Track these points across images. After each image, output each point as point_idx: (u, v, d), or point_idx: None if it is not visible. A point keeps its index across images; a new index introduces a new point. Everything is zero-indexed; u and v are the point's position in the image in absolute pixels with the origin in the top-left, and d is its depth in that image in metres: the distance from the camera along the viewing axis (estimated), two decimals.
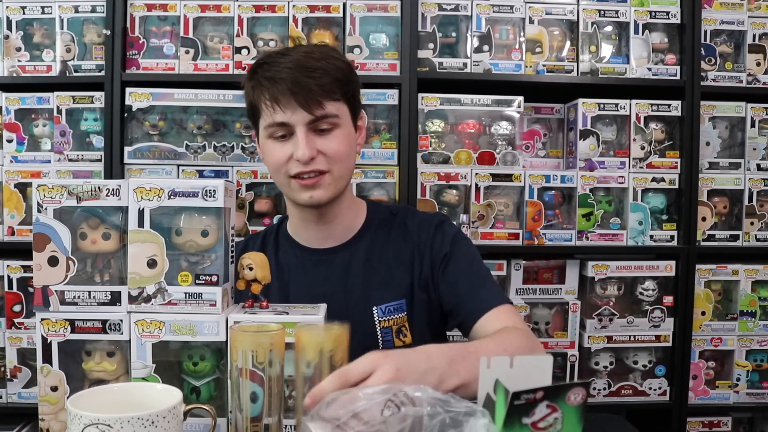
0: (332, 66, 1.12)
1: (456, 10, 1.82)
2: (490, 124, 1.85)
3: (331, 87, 1.10)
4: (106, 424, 0.68)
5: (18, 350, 1.70)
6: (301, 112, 1.08)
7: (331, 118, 1.11)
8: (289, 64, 1.09)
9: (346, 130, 1.15)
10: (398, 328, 1.17)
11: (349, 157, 1.16)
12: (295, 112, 1.08)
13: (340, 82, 1.12)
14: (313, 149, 1.09)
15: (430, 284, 1.19)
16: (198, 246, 0.88)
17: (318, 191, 1.12)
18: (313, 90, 1.07)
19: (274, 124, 1.11)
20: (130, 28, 1.78)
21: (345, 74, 1.14)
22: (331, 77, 1.10)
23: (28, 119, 1.81)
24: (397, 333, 1.17)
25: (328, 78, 1.10)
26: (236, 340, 0.76)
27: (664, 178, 1.83)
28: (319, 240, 1.22)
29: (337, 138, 1.12)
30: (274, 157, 1.13)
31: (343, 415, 0.59)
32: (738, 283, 1.85)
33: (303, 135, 1.09)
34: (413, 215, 1.27)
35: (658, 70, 1.85)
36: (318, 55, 1.13)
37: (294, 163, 1.10)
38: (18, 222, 1.76)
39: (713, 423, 1.88)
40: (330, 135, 1.12)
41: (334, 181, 1.13)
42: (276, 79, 1.09)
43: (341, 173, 1.14)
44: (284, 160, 1.11)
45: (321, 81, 1.08)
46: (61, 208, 0.86)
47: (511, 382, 0.54)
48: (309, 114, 1.08)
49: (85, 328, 0.86)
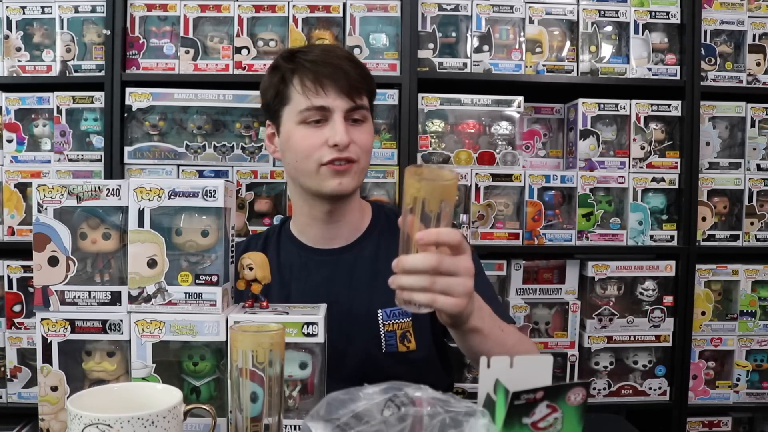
0: (360, 61, 1.18)
1: (456, 10, 1.82)
2: (490, 124, 1.85)
3: (366, 81, 1.15)
4: (106, 424, 0.68)
5: (18, 350, 1.70)
6: (343, 98, 1.10)
7: (364, 110, 1.15)
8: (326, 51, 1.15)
9: (371, 125, 1.19)
10: (403, 333, 1.16)
11: (371, 152, 1.20)
12: (336, 97, 1.10)
13: (369, 78, 1.17)
14: (350, 137, 1.11)
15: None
16: (198, 246, 0.88)
17: (346, 179, 1.13)
18: (353, 77, 1.11)
19: (312, 107, 1.10)
20: (130, 28, 1.78)
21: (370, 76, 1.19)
22: (363, 70, 1.15)
23: (28, 119, 1.81)
24: (401, 338, 1.16)
25: (360, 70, 1.15)
26: (236, 340, 0.76)
27: (664, 178, 1.83)
28: (324, 240, 1.22)
29: (368, 130, 1.17)
30: (307, 142, 1.12)
31: (343, 415, 0.59)
32: (738, 283, 1.85)
33: (341, 120, 1.10)
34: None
35: (658, 70, 1.85)
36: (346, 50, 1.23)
37: (327, 150, 1.10)
38: (18, 222, 1.76)
39: (713, 423, 1.88)
40: (362, 126, 1.15)
41: (360, 171, 1.15)
42: (319, 62, 1.10)
43: (365, 166, 1.17)
44: (317, 145, 1.11)
45: (360, 72, 1.13)
46: (61, 208, 0.86)
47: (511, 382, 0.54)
48: (350, 101, 1.10)
49: (85, 328, 0.86)
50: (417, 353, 1.16)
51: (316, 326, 0.84)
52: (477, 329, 0.93)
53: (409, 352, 1.16)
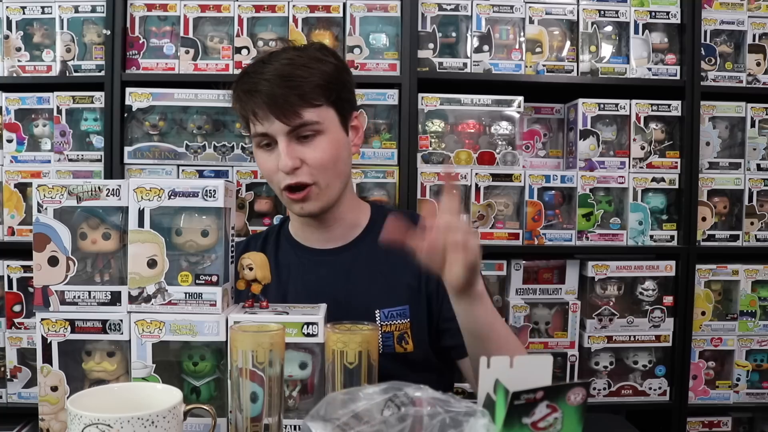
0: (315, 71, 1.10)
1: (456, 10, 1.82)
2: (490, 124, 1.85)
3: (311, 95, 1.08)
4: (106, 424, 0.68)
5: (18, 350, 1.70)
6: (278, 122, 1.08)
7: (311, 125, 1.09)
8: (267, 75, 1.08)
9: (331, 136, 1.12)
10: (400, 334, 1.15)
11: (336, 163, 1.13)
12: (273, 123, 1.08)
13: (321, 87, 1.09)
14: (295, 158, 1.09)
15: (433, 298, 1.17)
16: (198, 246, 0.88)
17: (308, 204, 1.12)
18: (289, 100, 1.06)
19: (256, 134, 1.12)
20: (130, 28, 1.78)
21: (329, 77, 1.11)
22: (312, 84, 1.08)
23: (28, 119, 1.81)
24: (398, 339, 1.15)
25: (308, 85, 1.08)
26: (236, 340, 0.76)
27: (664, 178, 1.83)
28: (321, 241, 1.22)
29: (320, 145, 1.11)
30: (265, 167, 1.14)
31: (343, 415, 0.59)
32: (738, 283, 1.85)
33: (284, 145, 1.09)
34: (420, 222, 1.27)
35: (658, 70, 1.85)
36: (301, 61, 1.11)
37: (281, 175, 1.11)
38: (18, 222, 1.76)
39: (713, 423, 1.88)
40: (312, 142, 1.10)
41: (321, 192, 1.12)
42: (252, 92, 1.09)
43: (328, 182, 1.12)
44: (273, 170, 1.12)
45: (300, 90, 1.07)
46: (61, 208, 0.86)
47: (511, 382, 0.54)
48: (286, 125, 1.08)
49: (85, 328, 0.86)
50: (414, 354, 1.16)
51: (316, 326, 0.84)
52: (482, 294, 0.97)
53: (406, 354, 1.16)
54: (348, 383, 0.77)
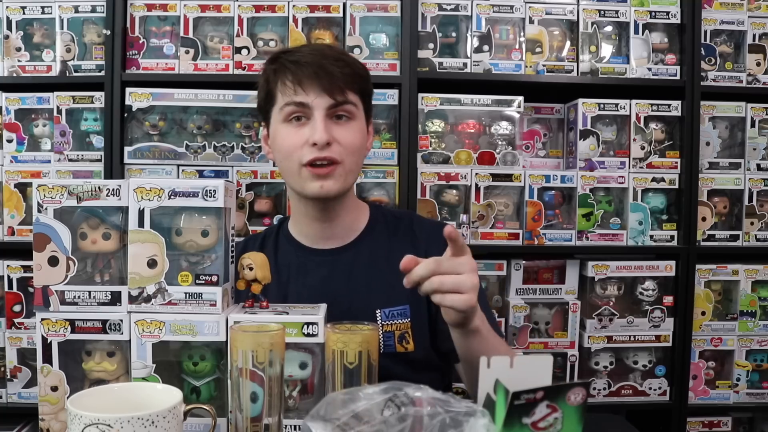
0: (353, 60, 1.17)
1: (456, 10, 1.82)
2: (490, 124, 1.85)
3: (353, 78, 1.13)
4: (106, 424, 0.68)
5: (18, 350, 1.70)
6: (323, 96, 1.09)
7: (349, 106, 1.13)
8: (313, 51, 1.13)
9: (360, 124, 1.16)
10: (401, 333, 1.16)
11: (360, 151, 1.17)
12: (317, 95, 1.09)
13: (359, 77, 1.15)
14: (330, 135, 1.10)
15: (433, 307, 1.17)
16: (198, 246, 0.88)
17: (329, 182, 1.12)
18: (336, 76, 1.10)
19: (292, 102, 1.11)
20: (130, 28, 1.78)
21: (364, 72, 1.18)
22: (352, 69, 1.14)
23: (28, 119, 1.81)
24: (399, 339, 1.15)
25: (350, 69, 1.13)
26: (236, 340, 0.76)
27: (664, 178, 1.83)
28: (321, 240, 1.22)
29: (353, 129, 1.14)
30: (288, 141, 1.12)
31: (343, 415, 0.59)
32: (738, 283, 1.85)
33: (321, 118, 1.10)
34: (420, 222, 1.27)
35: (658, 70, 1.85)
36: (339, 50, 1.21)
37: (308, 149, 1.10)
38: (18, 222, 1.76)
39: (713, 423, 1.88)
40: (347, 124, 1.13)
41: (344, 173, 1.13)
42: (301, 62, 1.11)
43: (351, 167, 1.14)
44: (299, 144, 1.11)
45: (344, 70, 1.11)
46: (61, 208, 0.86)
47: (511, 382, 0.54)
48: (330, 98, 1.10)
49: (85, 328, 0.86)
50: (415, 354, 1.16)
51: (316, 326, 0.84)
52: (478, 329, 0.97)
53: (407, 353, 1.16)
54: (348, 383, 0.77)
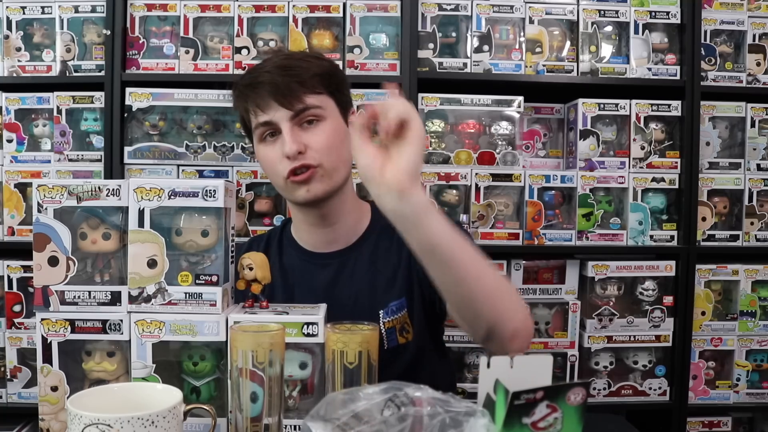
0: (312, 64, 1.15)
1: (456, 10, 1.82)
2: (490, 124, 1.85)
3: (311, 82, 1.13)
4: (106, 424, 0.68)
5: (18, 350, 1.70)
6: (280, 108, 1.11)
7: (313, 109, 1.12)
8: (267, 68, 1.14)
9: (332, 122, 1.15)
10: (401, 326, 1.17)
11: (339, 149, 1.15)
12: (276, 110, 1.11)
13: (320, 77, 1.14)
14: (299, 143, 1.10)
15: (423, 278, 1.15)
16: (198, 246, 0.88)
17: (312, 185, 1.12)
18: (291, 87, 1.10)
19: (259, 125, 1.13)
20: (130, 28, 1.78)
21: (326, 70, 1.16)
22: (311, 73, 1.13)
23: (28, 119, 1.81)
24: (400, 331, 1.17)
25: (307, 74, 1.12)
26: (236, 340, 0.76)
27: (664, 178, 1.83)
28: (323, 244, 1.22)
29: (323, 129, 1.13)
30: (267, 158, 1.15)
31: (343, 415, 0.59)
32: (738, 283, 1.85)
33: (288, 130, 1.11)
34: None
35: (658, 70, 1.85)
36: (299, 56, 1.20)
37: (285, 162, 1.11)
38: (18, 222, 1.76)
39: (713, 423, 1.88)
40: (316, 127, 1.13)
41: (326, 173, 1.13)
42: (255, 84, 1.13)
43: (333, 165, 1.14)
44: (276, 160, 1.13)
45: (300, 77, 1.11)
46: (61, 208, 0.86)
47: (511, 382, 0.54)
48: (290, 110, 1.10)
49: (85, 328, 0.86)
50: (414, 341, 1.17)
51: (316, 326, 0.84)
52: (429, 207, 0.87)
53: (408, 343, 1.17)
54: (348, 383, 0.77)
